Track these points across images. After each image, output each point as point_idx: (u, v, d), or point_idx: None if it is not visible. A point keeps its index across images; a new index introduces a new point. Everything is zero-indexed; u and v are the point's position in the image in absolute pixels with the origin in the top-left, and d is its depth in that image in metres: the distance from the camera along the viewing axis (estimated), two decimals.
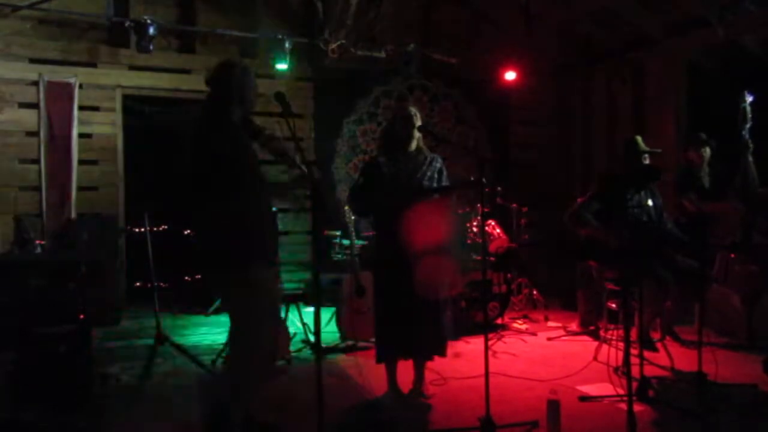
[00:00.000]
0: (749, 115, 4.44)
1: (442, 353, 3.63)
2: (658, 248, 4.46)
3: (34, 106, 5.88)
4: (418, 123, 3.60)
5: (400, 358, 3.64)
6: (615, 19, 6.54)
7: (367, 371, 4.03)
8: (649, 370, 3.79)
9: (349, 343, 4.73)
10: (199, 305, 6.18)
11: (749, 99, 4.40)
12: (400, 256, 3.41)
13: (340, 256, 5.44)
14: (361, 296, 4.67)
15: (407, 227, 3.37)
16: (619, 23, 6.58)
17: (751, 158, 4.53)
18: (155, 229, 4.75)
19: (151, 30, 5.63)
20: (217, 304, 5.95)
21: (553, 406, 3.08)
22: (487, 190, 3.91)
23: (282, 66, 6.28)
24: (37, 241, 4.27)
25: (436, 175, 3.63)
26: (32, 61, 5.90)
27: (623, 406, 3.18)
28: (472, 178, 3.61)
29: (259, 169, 3.00)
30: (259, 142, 3.03)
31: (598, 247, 4.33)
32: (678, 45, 6.11)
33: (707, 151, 5.07)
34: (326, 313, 5.09)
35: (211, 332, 5.42)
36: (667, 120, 6.26)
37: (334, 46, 6.32)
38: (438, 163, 3.68)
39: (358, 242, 5.13)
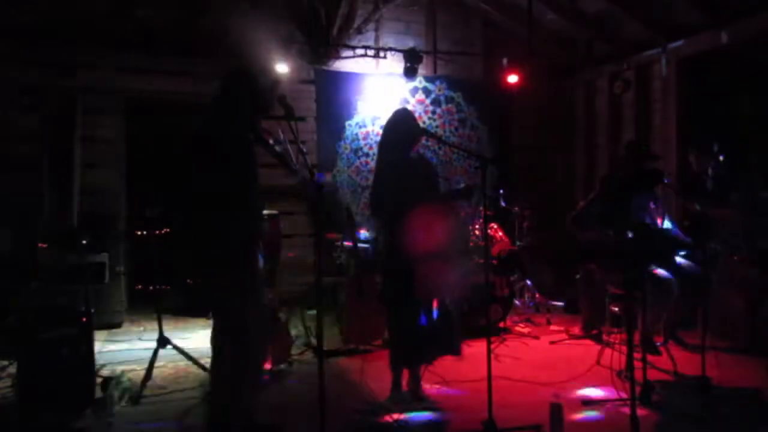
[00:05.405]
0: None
1: (458, 351, 3.67)
2: (660, 251, 4.45)
3: None
4: (420, 125, 3.61)
5: (424, 363, 3.63)
6: (617, 23, 6.55)
7: (370, 374, 4.03)
8: (652, 374, 3.78)
9: (351, 346, 4.72)
10: (201, 307, 6.16)
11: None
12: (417, 260, 3.41)
13: (341, 258, 5.42)
14: (362, 299, 4.66)
15: (425, 229, 3.36)
16: (622, 27, 6.59)
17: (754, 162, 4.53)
18: (157, 232, 4.74)
19: None
20: None
21: (556, 409, 3.07)
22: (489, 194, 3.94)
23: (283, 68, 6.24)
24: (40, 245, 4.27)
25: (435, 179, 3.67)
26: None
27: (626, 410, 3.16)
28: (472, 184, 3.63)
29: (255, 175, 2.99)
30: (262, 145, 3.04)
31: (601, 250, 4.32)
32: (681, 48, 6.11)
33: (711, 155, 5.05)
34: (328, 316, 5.08)
35: None
36: (670, 123, 6.25)
37: (337, 48, 6.32)
38: (433, 168, 3.72)
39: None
